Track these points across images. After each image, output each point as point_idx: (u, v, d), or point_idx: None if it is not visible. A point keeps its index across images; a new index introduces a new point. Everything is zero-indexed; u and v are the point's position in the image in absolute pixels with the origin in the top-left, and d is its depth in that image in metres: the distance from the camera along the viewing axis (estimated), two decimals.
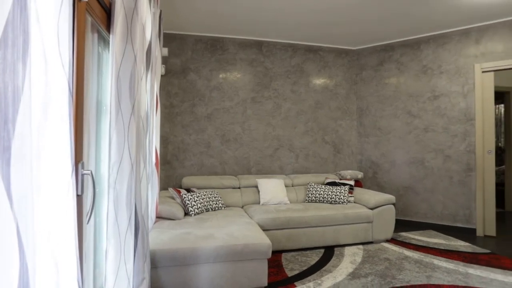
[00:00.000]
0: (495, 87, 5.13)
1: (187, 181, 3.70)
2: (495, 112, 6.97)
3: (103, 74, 1.61)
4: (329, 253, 3.09)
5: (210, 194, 3.36)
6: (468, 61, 3.87)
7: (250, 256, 2.23)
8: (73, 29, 0.96)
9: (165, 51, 3.73)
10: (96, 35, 1.42)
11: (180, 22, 3.73)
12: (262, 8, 3.31)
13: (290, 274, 2.57)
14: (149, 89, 2.17)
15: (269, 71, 4.35)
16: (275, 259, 2.93)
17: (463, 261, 2.86)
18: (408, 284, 2.37)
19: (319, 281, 2.42)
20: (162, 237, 2.22)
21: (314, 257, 2.96)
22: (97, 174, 1.50)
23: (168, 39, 4.01)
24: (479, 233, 3.75)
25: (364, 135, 4.63)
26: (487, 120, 3.77)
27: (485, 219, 3.75)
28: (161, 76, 3.97)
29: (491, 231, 3.72)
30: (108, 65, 1.62)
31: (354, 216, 3.30)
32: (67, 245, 0.72)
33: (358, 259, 2.91)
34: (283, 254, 3.05)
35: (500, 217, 4.71)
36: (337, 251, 3.15)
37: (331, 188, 3.74)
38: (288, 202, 3.69)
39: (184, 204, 3.05)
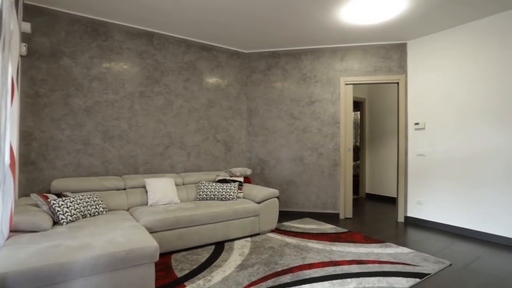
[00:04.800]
0: (354, 97, 6.35)
1: (58, 184, 3.15)
2: (354, 117, 8.66)
3: None
4: (219, 248, 3.18)
5: (88, 198, 2.96)
6: (335, 74, 4.64)
7: (135, 261, 2.08)
8: None
9: (27, 26, 3.06)
10: None
11: None
12: None
13: (180, 274, 2.52)
14: None
15: (160, 65, 4.13)
16: (164, 261, 2.82)
17: (329, 241, 3.43)
18: (288, 267, 2.68)
19: (209, 277, 2.46)
20: (18, 255, 1.82)
21: (205, 254, 2.99)
22: None
23: (31, 13, 3.30)
24: (341, 216, 4.58)
25: (253, 134, 4.95)
26: (348, 124, 4.62)
27: (345, 205, 4.60)
28: (21, 56, 3.23)
29: (349, 213, 4.59)
30: None
31: (243, 211, 3.49)
32: None
33: (246, 251, 3.10)
34: (173, 255, 2.96)
35: (355, 202, 5.88)
36: (227, 245, 3.27)
37: (222, 185, 3.85)
38: (179, 201, 3.61)
39: (53, 212, 2.58)
